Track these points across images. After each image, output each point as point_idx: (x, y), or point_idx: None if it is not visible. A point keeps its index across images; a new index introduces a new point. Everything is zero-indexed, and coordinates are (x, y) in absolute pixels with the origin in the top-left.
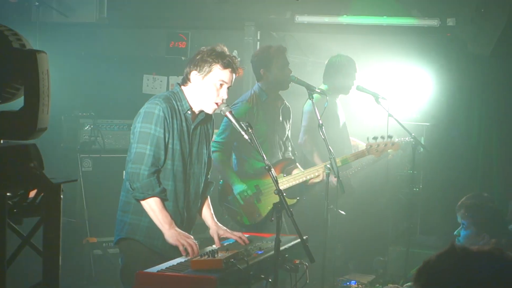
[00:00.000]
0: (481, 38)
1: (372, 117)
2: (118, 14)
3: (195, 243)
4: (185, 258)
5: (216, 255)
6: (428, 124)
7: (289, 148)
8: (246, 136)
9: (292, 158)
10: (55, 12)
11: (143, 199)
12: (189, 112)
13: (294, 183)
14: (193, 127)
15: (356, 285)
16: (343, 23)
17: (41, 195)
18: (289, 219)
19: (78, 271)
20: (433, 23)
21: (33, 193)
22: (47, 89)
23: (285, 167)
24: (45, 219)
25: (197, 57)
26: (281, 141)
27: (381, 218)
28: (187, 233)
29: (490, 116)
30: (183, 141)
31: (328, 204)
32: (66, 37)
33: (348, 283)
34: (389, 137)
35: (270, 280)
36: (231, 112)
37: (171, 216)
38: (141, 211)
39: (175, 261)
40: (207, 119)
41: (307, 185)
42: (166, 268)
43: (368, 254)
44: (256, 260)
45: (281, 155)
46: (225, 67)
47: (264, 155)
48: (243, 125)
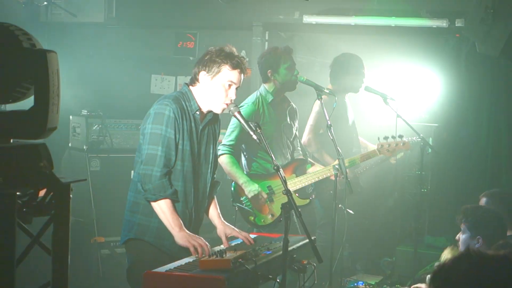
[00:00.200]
0: (490, 38)
1: (380, 118)
2: (126, 14)
3: (206, 243)
4: (193, 258)
5: (224, 255)
6: (436, 125)
7: (298, 147)
8: (254, 136)
9: (303, 158)
10: (64, 12)
11: (155, 201)
12: (198, 112)
13: (306, 184)
14: (201, 127)
15: (363, 286)
16: (351, 23)
17: (51, 194)
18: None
19: (85, 270)
20: (442, 23)
21: (42, 193)
22: (57, 89)
23: (297, 168)
24: (54, 219)
25: (206, 58)
26: (289, 141)
27: (389, 219)
28: (196, 235)
29: (499, 117)
30: (192, 141)
31: (336, 204)
32: (74, 37)
33: (355, 284)
34: (400, 136)
35: (278, 280)
36: (239, 112)
37: (180, 217)
38: (150, 212)
39: (183, 261)
40: (215, 119)
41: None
42: (174, 268)
43: (375, 255)
44: (264, 260)
45: (290, 154)
46: (234, 67)
47: (273, 156)
48: (251, 125)
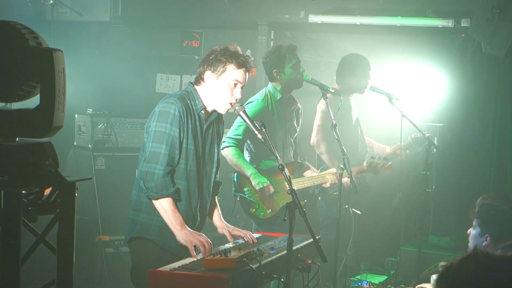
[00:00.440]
0: (496, 39)
1: (385, 117)
2: (132, 13)
3: (207, 240)
4: (198, 256)
5: (228, 254)
6: (441, 125)
7: (299, 146)
8: (259, 135)
9: (301, 163)
10: (70, 10)
11: (156, 199)
12: (203, 111)
13: (302, 187)
14: (206, 126)
15: (367, 286)
16: (357, 23)
17: (56, 193)
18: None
19: (90, 269)
20: (448, 23)
21: (48, 191)
22: (62, 88)
23: (295, 170)
24: (59, 217)
25: (211, 57)
26: (292, 139)
27: (393, 218)
28: (198, 232)
29: (504, 117)
30: (197, 140)
31: (341, 204)
32: (80, 36)
33: (359, 284)
34: (386, 159)
35: (282, 280)
36: (244, 111)
37: (183, 216)
38: (153, 210)
39: (187, 260)
40: (219, 119)
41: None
42: (178, 267)
43: (380, 254)
44: (268, 259)
45: (292, 153)
46: (239, 66)
47: (277, 155)
48: (256, 124)
